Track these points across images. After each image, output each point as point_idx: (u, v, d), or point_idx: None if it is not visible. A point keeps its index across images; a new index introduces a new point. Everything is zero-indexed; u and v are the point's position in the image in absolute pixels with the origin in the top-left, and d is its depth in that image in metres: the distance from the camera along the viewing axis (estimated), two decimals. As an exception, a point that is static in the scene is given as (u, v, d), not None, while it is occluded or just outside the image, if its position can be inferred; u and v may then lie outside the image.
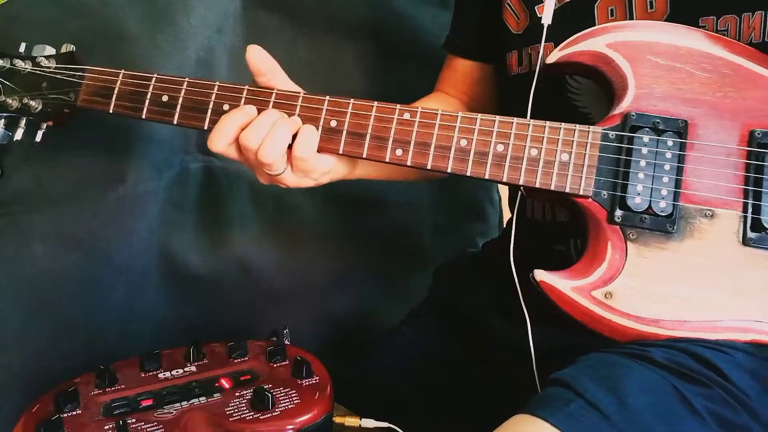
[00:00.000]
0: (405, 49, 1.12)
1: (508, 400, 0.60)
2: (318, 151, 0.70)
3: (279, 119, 0.69)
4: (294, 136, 0.69)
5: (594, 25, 0.72)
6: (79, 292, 0.91)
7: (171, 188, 0.98)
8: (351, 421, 0.74)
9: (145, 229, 0.96)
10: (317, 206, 1.11)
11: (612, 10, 0.72)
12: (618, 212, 0.64)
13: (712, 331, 0.61)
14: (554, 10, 0.75)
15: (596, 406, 0.52)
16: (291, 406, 0.69)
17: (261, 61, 0.71)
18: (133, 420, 0.66)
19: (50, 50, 0.77)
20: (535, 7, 0.77)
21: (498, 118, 0.68)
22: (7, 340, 0.85)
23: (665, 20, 0.69)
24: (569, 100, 0.75)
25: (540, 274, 0.65)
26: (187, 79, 0.73)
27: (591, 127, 0.66)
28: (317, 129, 0.70)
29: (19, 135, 0.76)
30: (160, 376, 0.74)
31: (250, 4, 1.01)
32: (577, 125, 0.66)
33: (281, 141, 0.67)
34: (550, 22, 0.72)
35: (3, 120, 0.76)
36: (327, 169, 0.72)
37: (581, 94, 0.75)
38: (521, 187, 0.69)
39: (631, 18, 0.71)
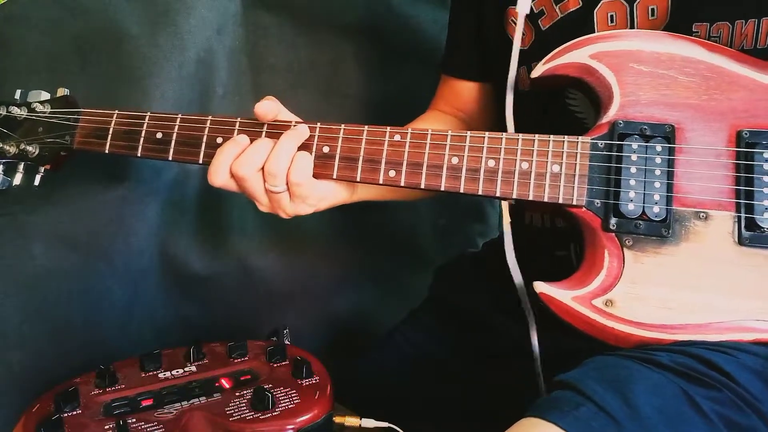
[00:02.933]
0: (405, 49, 1.12)
1: (508, 400, 0.60)
2: (314, 177, 0.71)
3: (273, 144, 0.70)
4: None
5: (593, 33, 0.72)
6: (79, 291, 0.91)
7: (171, 188, 0.98)
8: (351, 421, 0.74)
9: (145, 229, 0.96)
10: (317, 206, 1.11)
11: (612, 16, 0.72)
12: (612, 220, 0.64)
13: (715, 333, 0.61)
14: (555, 23, 0.75)
15: (605, 409, 0.52)
16: (291, 406, 0.69)
17: (269, 113, 0.71)
18: (134, 420, 0.66)
19: (45, 95, 0.78)
20: (539, 21, 0.77)
21: (487, 134, 0.68)
22: (7, 340, 0.85)
23: (664, 27, 0.69)
24: (568, 108, 0.76)
25: (540, 286, 0.65)
26: (180, 115, 0.74)
27: (580, 137, 0.67)
28: (311, 155, 0.70)
29: (18, 180, 0.77)
30: (160, 376, 0.75)
31: (250, 4, 1.01)
32: (566, 137, 0.67)
33: (284, 157, 0.69)
34: (527, 12, 0.71)
35: (2, 166, 0.77)
36: (323, 195, 0.73)
37: (578, 100, 0.75)
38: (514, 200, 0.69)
39: (632, 25, 0.71)
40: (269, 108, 0.71)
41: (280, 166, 0.68)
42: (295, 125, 0.71)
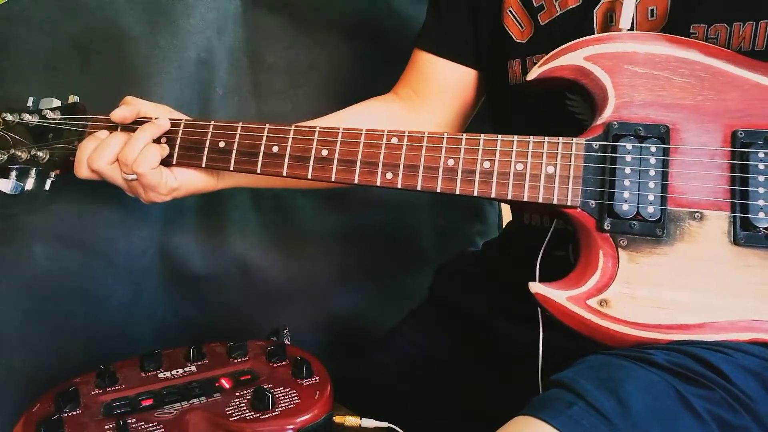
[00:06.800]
0: (405, 49, 1.12)
1: (508, 400, 0.60)
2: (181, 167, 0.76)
3: (128, 137, 0.74)
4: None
5: (593, 32, 0.72)
6: (79, 292, 0.91)
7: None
8: (351, 421, 0.74)
9: (145, 229, 0.96)
10: (317, 206, 1.11)
11: (611, 16, 0.72)
12: (607, 220, 0.64)
13: (711, 333, 0.61)
14: (554, 19, 0.75)
15: (597, 408, 0.52)
16: (291, 406, 0.69)
17: (127, 118, 0.76)
18: (134, 420, 0.66)
19: (56, 102, 0.80)
20: (538, 15, 0.77)
21: (483, 136, 0.69)
22: (7, 340, 0.85)
23: (663, 28, 0.69)
24: (567, 108, 0.76)
25: (534, 287, 0.65)
26: (184, 119, 0.77)
27: (574, 138, 0.67)
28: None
29: (30, 185, 0.80)
30: (160, 375, 0.75)
31: (250, 4, 1.01)
32: (561, 138, 0.67)
33: (134, 149, 0.73)
34: (628, 27, 0.70)
35: (15, 171, 0.78)
36: (177, 186, 0.77)
37: (578, 101, 0.75)
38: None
39: (632, 25, 0.71)
40: (122, 114, 0.75)
41: (129, 157, 0.73)
42: (156, 119, 0.75)
